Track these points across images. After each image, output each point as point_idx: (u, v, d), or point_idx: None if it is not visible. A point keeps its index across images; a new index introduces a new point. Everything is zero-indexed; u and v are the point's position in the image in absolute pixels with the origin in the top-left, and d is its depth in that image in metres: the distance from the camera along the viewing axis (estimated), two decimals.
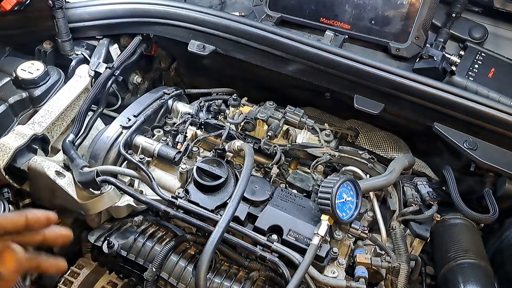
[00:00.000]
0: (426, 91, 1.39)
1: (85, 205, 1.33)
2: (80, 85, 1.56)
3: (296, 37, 1.50)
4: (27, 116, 1.50)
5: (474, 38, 1.60)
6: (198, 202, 1.28)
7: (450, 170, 1.43)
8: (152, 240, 1.30)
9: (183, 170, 1.36)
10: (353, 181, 1.26)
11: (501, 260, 1.34)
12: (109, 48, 1.68)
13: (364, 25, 1.61)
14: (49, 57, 1.63)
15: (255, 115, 1.48)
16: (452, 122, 1.41)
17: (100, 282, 1.40)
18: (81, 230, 1.46)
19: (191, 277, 1.23)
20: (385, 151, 1.55)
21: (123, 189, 1.28)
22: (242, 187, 1.18)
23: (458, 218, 1.39)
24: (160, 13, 1.62)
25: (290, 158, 1.49)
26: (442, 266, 1.29)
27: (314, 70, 1.50)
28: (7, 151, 1.32)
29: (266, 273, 1.25)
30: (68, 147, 1.38)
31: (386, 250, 1.24)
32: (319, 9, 1.64)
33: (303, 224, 1.25)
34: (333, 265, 1.25)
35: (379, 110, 1.45)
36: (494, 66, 1.52)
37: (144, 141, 1.45)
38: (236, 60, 1.59)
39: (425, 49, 1.52)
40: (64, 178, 1.33)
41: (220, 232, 1.10)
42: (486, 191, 1.39)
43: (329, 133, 1.53)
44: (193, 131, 1.53)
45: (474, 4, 1.66)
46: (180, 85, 1.93)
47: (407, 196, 1.38)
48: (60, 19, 1.55)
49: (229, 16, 1.58)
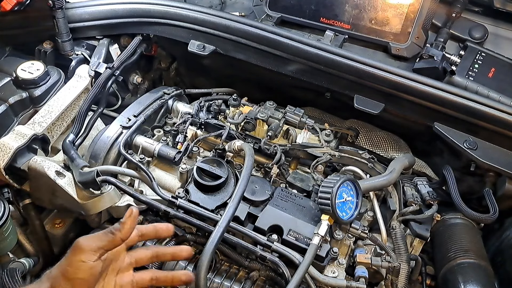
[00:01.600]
0: (426, 91, 1.39)
1: (85, 205, 1.33)
2: (80, 85, 1.56)
3: (296, 37, 1.50)
4: (27, 116, 1.50)
5: (474, 38, 1.60)
6: (198, 202, 1.28)
7: (450, 170, 1.43)
8: (152, 240, 1.30)
9: (183, 170, 1.36)
10: (353, 181, 1.27)
11: (501, 260, 1.34)
12: (109, 48, 1.68)
13: (364, 25, 1.60)
14: (49, 57, 1.63)
15: (255, 115, 1.48)
16: (452, 122, 1.41)
17: None
18: (82, 230, 1.46)
19: None
20: (385, 151, 1.55)
21: (123, 189, 1.28)
22: (242, 187, 1.18)
23: (458, 218, 1.39)
24: (160, 13, 1.62)
25: (290, 158, 1.49)
26: (442, 266, 1.29)
27: (314, 70, 1.50)
28: (7, 151, 1.32)
29: (266, 273, 1.25)
30: (68, 147, 1.38)
31: (386, 250, 1.24)
32: (319, 9, 1.64)
33: (303, 224, 1.25)
34: (333, 265, 1.25)
35: (379, 110, 1.45)
36: (494, 66, 1.52)
37: (144, 141, 1.45)
38: (236, 60, 1.59)
39: (425, 49, 1.52)
40: (64, 178, 1.33)
41: (220, 232, 1.10)
42: (486, 191, 1.39)
43: (329, 133, 1.53)
44: (193, 131, 1.53)
45: (474, 4, 1.65)
46: (180, 85, 1.93)
47: (407, 196, 1.38)
48: (60, 19, 1.55)
49: (229, 16, 1.58)
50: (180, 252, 1.01)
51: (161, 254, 1.01)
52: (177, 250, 1.01)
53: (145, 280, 0.96)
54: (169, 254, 1.02)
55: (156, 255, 1.00)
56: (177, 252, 1.01)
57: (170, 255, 1.02)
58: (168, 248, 1.04)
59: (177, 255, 1.02)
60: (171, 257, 1.04)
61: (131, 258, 0.96)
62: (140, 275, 0.96)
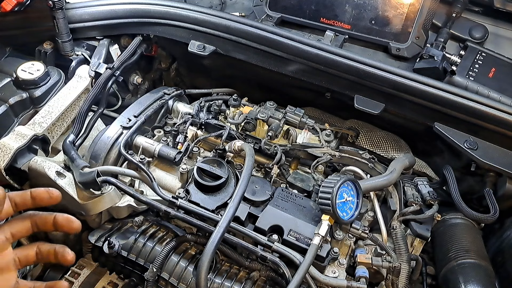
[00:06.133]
0: (426, 91, 1.39)
1: (86, 206, 1.32)
2: (81, 85, 1.56)
3: (296, 37, 1.50)
4: (27, 116, 1.50)
5: (474, 38, 1.60)
6: (198, 202, 1.28)
7: (450, 170, 1.43)
8: (153, 241, 1.30)
9: (184, 170, 1.36)
10: (354, 181, 1.26)
11: (501, 260, 1.34)
12: (110, 48, 1.68)
13: (365, 25, 1.61)
14: (50, 58, 1.63)
15: (256, 115, 1.48)
16: (453, 122, 1.41)
17: (101, 283, 1.39)
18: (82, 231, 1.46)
19: (191, 277, 1.23)
20: (385, 151, 1.55)
21: (124, 190, 1.28)
22: (242, 187, 1.18)
23: (459, 218, 1.39)
24: (160, 13, 1.62)
25: (291, 158, 1.50)
26: (443, 266, 1.29)
27: (315, 70, 1.50)
28: (8, 152, 1.32)
29: (267, 273, 1.25)
30: (69, 148, 1.38)
31: (387, 250, 1.24)
32: (319, 9, 1.65)
33: (303, 224, 1.25)
34: (334, 265, 1.24)
35: (379, 110, 1.45)
36: (494, 66, 1.52)
37: (144, 141, 1.45)
38: (237, 60, 1.59)
39: (425, 49, 1.52)
40: (64, 178, 1.33)
41: (220, 232, 1.10)
42: (487, 191, 1.39)
43: (329, 133, 1.53)
44: (194, 131, 1.53)
45: (475, 4, 1.65)
46: (181, 86, 1.93)
47: (407, 196, 1.38)
48: (61, 19, 1.55)
49: (230, 16, 1.58)
50: (63, 219, 0.86)
51: (41, 222, 0.85)
52: (59, 215, 0.86)
53: (30, 255, 0.85)
54: (50, 220, 0.85)
55: (35, 224, 0.85)
56: (58, 217, 0.85)
57: (51, 221, 0.86)
58: (48, 215, 0.86)
59: (59, 221, 0.85)
60: (52, 224, 0.86)
61: (5, 233, 0.82)
62: (22, 251, 0.85)
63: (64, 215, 0.86)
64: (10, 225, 0.83)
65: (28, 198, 0.84)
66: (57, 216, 0.86)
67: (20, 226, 0.84)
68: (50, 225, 0.85)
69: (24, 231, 0.84)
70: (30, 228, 0.85)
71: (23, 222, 0.84)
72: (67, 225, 0.86)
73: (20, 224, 0.84)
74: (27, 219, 0.85)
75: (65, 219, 0.86)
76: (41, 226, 0.85)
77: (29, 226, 0.85)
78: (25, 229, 0.84)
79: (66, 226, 0.86)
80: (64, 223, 0.85)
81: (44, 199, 0.84)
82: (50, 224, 0.85)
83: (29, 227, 0.85)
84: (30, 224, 0.85)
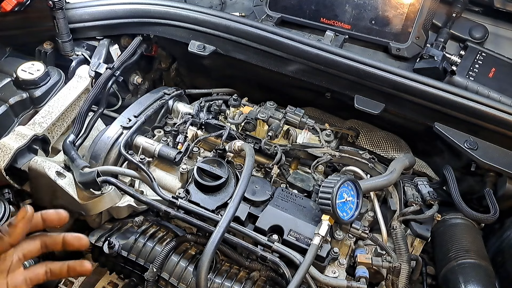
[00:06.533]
0: (426, 91, 1.39)
1: (86, 206, 1.33)
2: (81, 85, 1.56)
3: (296, 37, 1.50)
4: (27, 116, 1.50)
5: (474, 38, 1.60)
6: (198, 202, 1.28)
7: (450, 170, 1.43)
8: (153, 241, 1.30)
9: (184, 170, 1.36)
10: (354, 181, 1.26)
11: (502, 260, 1.34)
12: (110, 48, 1.68)
13: (365, 25, 1.61)
14: (50, 58, 1.63)
15: (256, 115, 1.48)
16: (453, 122, 1.41)
17: (101, 283, 1.39)
18: (82, 231, 1.46)
19: (191, 277, 1.23)
20: (385, 151, 1.55)
21: (124, 190, 1.28)
22: (242, 187, 1.18)
23: (459, 218, 1.39)
24: (160, 13, 1.62)
25: (291, 158, 1.50)
26: (443, 266, 1.29)
27: (315, 70, 1.50)
28: (8, 152, 1.32)
29: (267, 273, 1.25)
30: (69, 148, 1.38)
31: (387, 250, 1.24)
32: (319, 9, 1.65)
33: (303, 224, 1.25)
34: (334, 265, 1.24)
35: (379, 110, 1.45)
36: (494, 66, 1.52)
37: (144, 141, 1.45)
38: (237, 61, 1.59)
39: (425, 49, 1.52)
40: (64, 178, 1.33)
41: (220, 233, 1.10)
42: (487, 191, 1.39)
43: (329, 133, 1.53)
44: (194, 131, 1.53)
45: (475, 4, 1.66)
46: (181, 86, 1.93)
47: (407, 196, 1.38)
48: (61, 19, 1.56)
49: (230, 16, 1.58)
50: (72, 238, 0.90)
51: (50, 242, 0.90)
52: (67, 235, 0.90)
53: (39, 274, 0.89)
54: (59, 241, 0.90)
55: (44, 245, 0.90)
56: (67, 237, 0.90)
57: (60, 241, 0.90)
58: (57, 236, 0.91)
59: (68, 240, 0.90)
60: (61, 244, 0.90)
61: (18, 254, 0.87)
62: (32, 271, 0.89)
63: (72, 234, 0.91)
64: (21, 246, 0.88)
65: (40, 220, 0.88)
66: (66, 236, 0.90)
67: (31, 246, 0.89)
68: (59, 245, 0.90)
69: (35, 251, 0.89)
70: (40, 249, 0.89)
71: (33, 243, 0.89)
72: (77, 243, 0.91)
73: (31, 245, 0.89)
74: (37, 240, 0.89)
75: (74, 238, 0.91)
76: (51, 247, 0.90)
77: (39, 247, 0.89)
78: (36, 249, 0.89)
79: (76, 244, 0.91)
80: (74, 242, 0.91)
81: (54, 220, 0.89)
82: (60, 244, 0.90)
83: (39, 248, 0.89)
84: (40, 245, 0.89)
